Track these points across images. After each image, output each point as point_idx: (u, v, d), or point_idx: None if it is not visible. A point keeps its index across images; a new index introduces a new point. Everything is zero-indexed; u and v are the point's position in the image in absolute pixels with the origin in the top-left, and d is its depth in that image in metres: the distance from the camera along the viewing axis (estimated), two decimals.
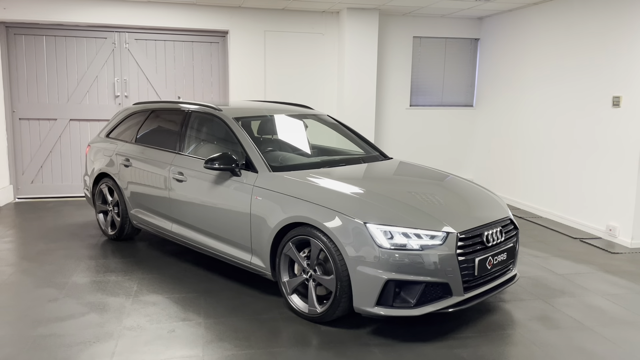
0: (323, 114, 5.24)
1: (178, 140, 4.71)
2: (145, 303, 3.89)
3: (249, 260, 3.97)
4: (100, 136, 5.72)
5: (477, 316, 3.73)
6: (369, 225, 3.27)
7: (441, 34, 8.16)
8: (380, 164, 4.58)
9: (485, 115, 8.17)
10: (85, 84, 7.30)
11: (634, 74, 5.41)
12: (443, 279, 3.25)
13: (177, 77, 7.57)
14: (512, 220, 3.86)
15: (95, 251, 5.09)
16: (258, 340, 3.35)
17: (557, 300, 4.07)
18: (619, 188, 5.64)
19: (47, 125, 7.29)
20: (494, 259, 3.50)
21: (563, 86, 6.45)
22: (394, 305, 3.25)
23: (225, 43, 7.62)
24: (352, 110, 7.60)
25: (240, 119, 4.42)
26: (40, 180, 7.40)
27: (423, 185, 4.15)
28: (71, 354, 3.14)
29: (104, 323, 3.54)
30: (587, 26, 6.06)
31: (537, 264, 4.92)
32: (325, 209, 3.44)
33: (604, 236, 5.81)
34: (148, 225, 4.94)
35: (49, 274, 4.45)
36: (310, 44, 7.75)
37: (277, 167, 4.02)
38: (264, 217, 3.77)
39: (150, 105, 5.34)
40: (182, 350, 3.20)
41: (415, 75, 8.22)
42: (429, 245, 3.25)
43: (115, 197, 5.29)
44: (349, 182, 3.83)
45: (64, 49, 7.18)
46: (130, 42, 7.34)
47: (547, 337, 3.46)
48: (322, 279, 3.46)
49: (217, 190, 4.14)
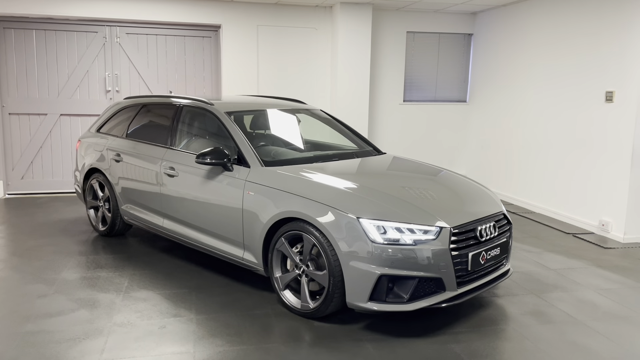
0: (316, 108, 5.21)
1: (169, 135, 4.66)
2: (135, 299, 3.85)
3: (241, 255, 3.93)
4: (91, 131, 5.66)
5: (470, 311, 3.72)
6: (362, 220, 3.25)
7: (435, 29, 8.14)
8: (374, 159, 4.56)
9: (479, 110, 8.16)
10: (75, 79, 7.22)
11: (627, 69, 5.42)
12: (436, 274, 3.23)
13: (169, 71, 7.50)
14: (505, 215, 3.85)
15: (86, 247, 5.04)
16: (250, 336, 3.32)
17: (550, 295, 4.07)
18: (611, 183, 5.65)
19: (37, 120, 7.21)
20: (487, 253, 3.49)
21: (556, 82, 6.45)
22: (387, 300, 3.23)
23: (217, 37, 7.57)
24: (345, 106, 7.57)
25: (232, 114, 4.37)
26: (31, 176, 7.32)
27: (417, 180, 4.13)
28: (60, 351, 3.10)
29: (93, 319, 3.50)
30: (580, 21, 6.06)
31: (530, 259, 4.92)
32: (318, 204, 3.42)
33: (597, 231, 5.82)
34: (139, 221, 4.90)
35: (39, 270, 4.40)
36: (303, 39, 7.71)
37: (270, 162, 3.99)
38: (256, 212, 3.74)
39: (141, 99, 5.28)
40: (173, 347, 3.17)
41: (408, 71, 8.20)
42: (422, 240, 3.23)
43: (106, 193, 5.24)
44: (342, 177, 3.81)
45: (54, 43, 7.10)
46: (122, 37, 7.27)
47: (540, 332, 3.45)
48: (315, 274, 3.44)
49: (209, 185, 4.10)
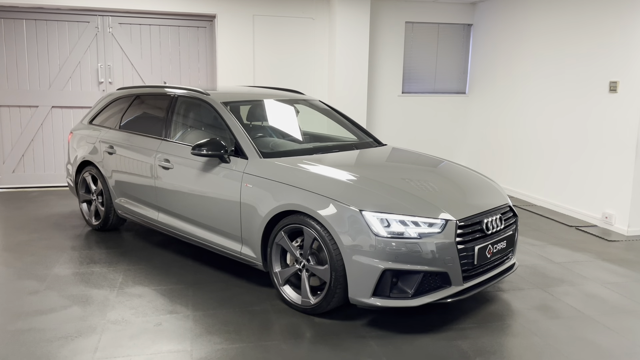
0: (315, 99, 5.09)
1: (164, 126, 4.53)
2: (130, 295, 3.73)
3: (239, 250, 3.82)
4: (83, 123, 5.52)
5: (476, 306, 3.63)
6: (365, 213, 3.14)
7: (434, 19, 8.01)
8: (374, 150, 4.44)
9: (479, 102, 8.05)
10: (67, 70, 7.05)
11: (632, 59, 5.31)
12: (442, 268, 3.13)
13: (163, 62, 7.35)
14: (511, 208, 3.76)
15: (79, 242, 4.91)
16: (249, 333, 3.21)
17: (556, 289, 3.97)
18: (615, 175, 5.55)
19: (28, 112, 7.04)
20: (494, 247, 3.40)
21: (558, 72, 6.34)
22: (391, 295, 3.13)
23: (212, 27, 7.41)
24: (343, 97, 7.44)
25: (229, 104, 4.25)
26: (22, 170, 7.16)
27: (418, 171, 4.02)
28: (51, 349, 2.97)
29: (86, 317, 3.38)
30: (582, 10, 5.94)
31: (534, 253, 4.82)
32: (318, 196, 3.30)
33: (600, 224, 5.73)
34: (133, 215, 4.77)
35: (30, 266, 4.27)
36: (300, 29, 7.56)
37: (268, 154, 3.87)
38: (254, 205, 3.62)
39: (134, 90, 5.14)
40: (169, 345, 3.06)
41: (407, 62, 8.07)
42: (427, 233, 3.12)
43: (99, 186, 5.10)
44: (343, 168, 3.70)
45: (45, 34, 6.92)
46: (114, 27, 7.10)
47: (547, 327, 3.36)
48: (316, 269, 3.33)
49: (205, 177, 3.98)
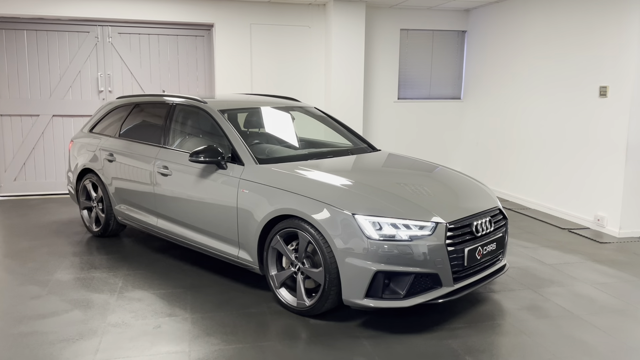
0: (310, 106, 5.19)
1: (162, 133, 4.63)
2: (130, 299, 3.81)
3: (236, 254, 3.90)
4: (84, 131, 5.61)
5: (466, 307, 3.71)
6: (358, 216, 3.23)
7: (428, 26, 8.13)
8: (369, 156, 4.54)
9: (473, 107, 8.16)
10: (68, 79, 7.16)
11: (621, 64, 5.42)
12: (432, 270, 3.21)
13: (162, 71, 7.46)
14: (501, 210, 3.84)
15: (80, 248, 4.99)
16: (246, 334, 3.29)
17: (546, 290, 4.06)
18: (606, 178, 5.65)
19: (29, 121, 7.15)
20: (484, 249, 3.48)
21: (550, 77, 6.45)
22: (383, 296, 3.22)
23: (210, 36, 7.53)
24: (339, 104, 7.55)
25: (226, 112, 4.34)
26: (24, 178, 7.26)
27: (412, 176, 4.11)
28: (54, 352, 3.06)
29: (87, 320, 3.47)
30: (574, 17, 6.06)
31: (526, 255, 4.91)
32: (313, 200, 3.39)
33: (592, 226, 5.82)
34: (133, 221, 4.86)
35: (32, 271, 4.35)
36: (297, 37, 7.68)
37: (264, 160, 3.96)
38: (250, 210, 3.71)
39: (133, 98, 5.24)
40: (168, 346, 3.14)
41: (402, 68, 8.18)
42: (418, 235, 3.21)
43: (99, 193, 5.19)
44: (337, 173, 3.79)
45: (46, 44, 7.04)
46: (114, 36, 7.22)
47: (536, 326, 3.44)
48: (311, 271, 3.41)
49: (203, 183, 4.07)
